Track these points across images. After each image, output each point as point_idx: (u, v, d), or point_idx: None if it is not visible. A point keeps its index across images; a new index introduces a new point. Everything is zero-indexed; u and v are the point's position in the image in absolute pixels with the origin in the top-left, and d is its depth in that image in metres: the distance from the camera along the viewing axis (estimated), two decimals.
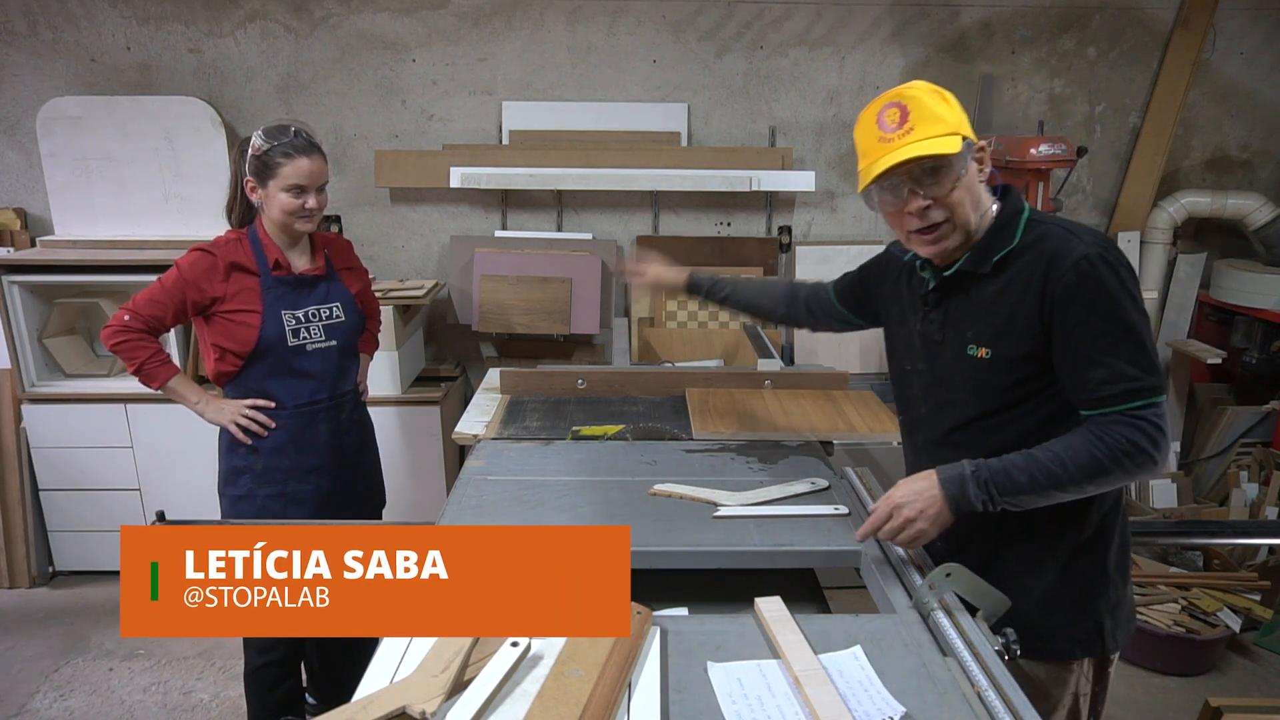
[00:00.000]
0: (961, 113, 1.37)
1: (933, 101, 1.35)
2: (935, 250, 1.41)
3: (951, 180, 1.34)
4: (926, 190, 1.35)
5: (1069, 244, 1.32)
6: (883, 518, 1.37)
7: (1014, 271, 1.38)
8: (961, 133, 1.34)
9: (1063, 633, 1.46)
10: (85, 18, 3.46)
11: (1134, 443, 1.27)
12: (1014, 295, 1.36)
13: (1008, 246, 1.39)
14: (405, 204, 3.74)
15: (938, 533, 1.34)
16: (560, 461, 1.91)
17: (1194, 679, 2.88)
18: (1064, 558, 1.45)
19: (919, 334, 1.53)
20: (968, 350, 1.42)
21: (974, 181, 1.38)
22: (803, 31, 3.58)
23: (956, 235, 1.39)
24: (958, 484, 1.33)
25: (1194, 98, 3.68)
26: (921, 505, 1.33)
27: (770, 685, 1.14)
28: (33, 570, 3.44)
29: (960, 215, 1.37)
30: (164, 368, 2.13)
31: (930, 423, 1.54)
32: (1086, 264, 1.29)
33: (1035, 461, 1.31)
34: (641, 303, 3.71)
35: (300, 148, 2.03)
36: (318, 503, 2.22)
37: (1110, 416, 1.29)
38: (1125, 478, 1.30)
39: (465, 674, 1.10)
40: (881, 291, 1.68)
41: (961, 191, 1.36)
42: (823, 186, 3.74)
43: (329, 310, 2.19)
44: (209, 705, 2.73)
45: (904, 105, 1.36)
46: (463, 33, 3.54)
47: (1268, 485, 3.43)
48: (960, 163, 1.34)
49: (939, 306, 1.48)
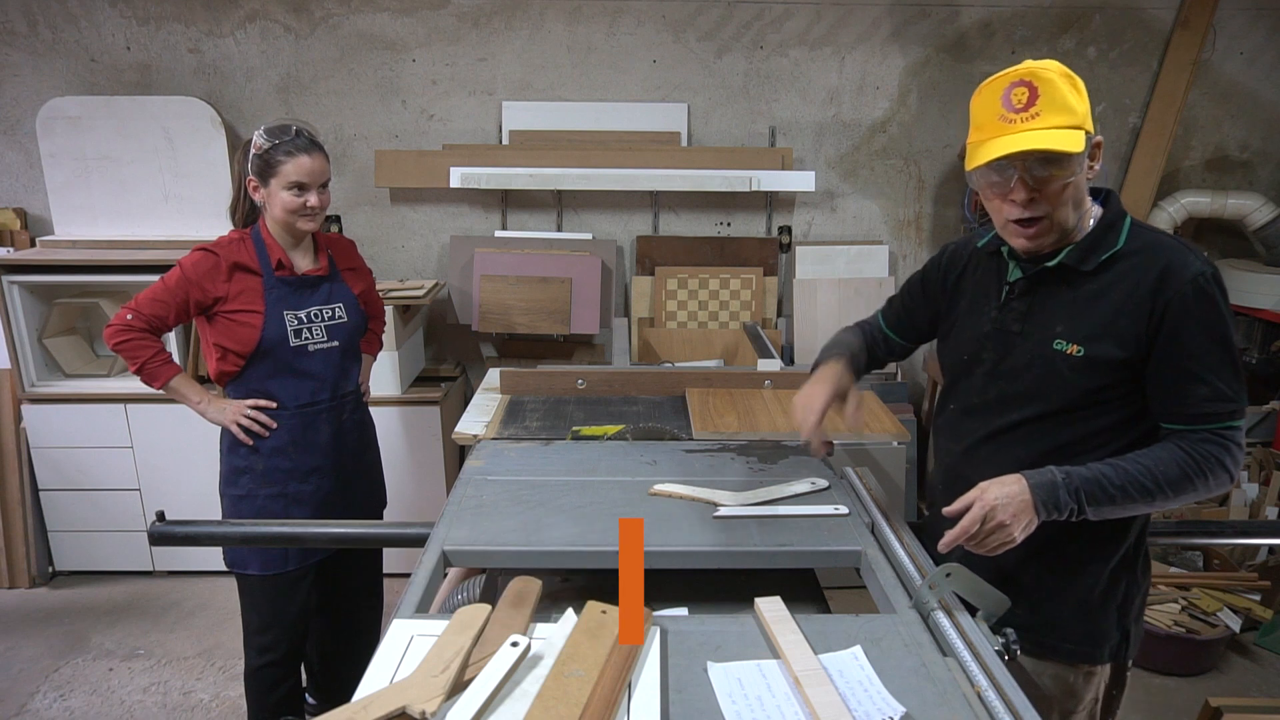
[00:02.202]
0: (1088, 104, 1.29)
1: (1065, 87, 1.27)
2: (1029, 245, 1.37)
3: (1066, 177, 1.29)
4: (1038, 182, 1.29)
5: (1185, 258, 1.30)
6: (977, 520, 1.26)
7: (1117, 274, 1.34)
8: (1087, 127, 1.28)
9: (1095, 637, 1.46)
10: (85, 18, 3.46)
11: (1221, 461, 1.28)
12: (1117, 298, 1.33)
13: (1113, 249, 1.35)
14: (405, 204, 3.74)
15: (1022, 539, 1.28)
16: (560, 461, 1.91)
17: (1194, 679, 2.88)
18: (1109, 567, 1.44)
19: (993, 322, 1.47)
20: (1054, 345, 1.37)
21: (1084, 180, 1.33)
22: (803, 31, 3.58)
23: (1053, 234, 1.35)
24: (1049, 490, 1.27)
25: (1194, 98, 3.68)
26: (1015, 510, 1.26)
27: (770, 685, 1.14)
28: (33, 570, 3.44)
29: (1061, 214, 1.32)
30: (166, 367, 2.13)
31: (985, 415, 1.48)
32: (1204, 281, 1.28)
33: (1126, 473, 1.28)
34: (641, 302, 3.72)
35: (301, 146, 2.04)
36: (318, 503, 2.22)
37: (1200, 434, 1.29)
38: (1203, 495, 1.30)
39: (465, 674, 1.10)
40: (947, 288, 1.60)
41: (1070, 190, 1.31)
42: (823, 186, 3.74)
43: (331, 311, 2.19)
44: (209, 705, 2.73)
45: (1034, 86, 1.27)
46: (463, 33, 3.54)
47: (1268, 485, 3.43)
48: (1079, 163, 1.28)
49: (1024, 297, 1.42)
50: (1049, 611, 1.30)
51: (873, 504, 1.65)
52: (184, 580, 3.49)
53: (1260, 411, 3.68)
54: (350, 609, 2.49)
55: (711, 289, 3.70)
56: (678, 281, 3.70)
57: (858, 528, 1.58)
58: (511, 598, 1.27)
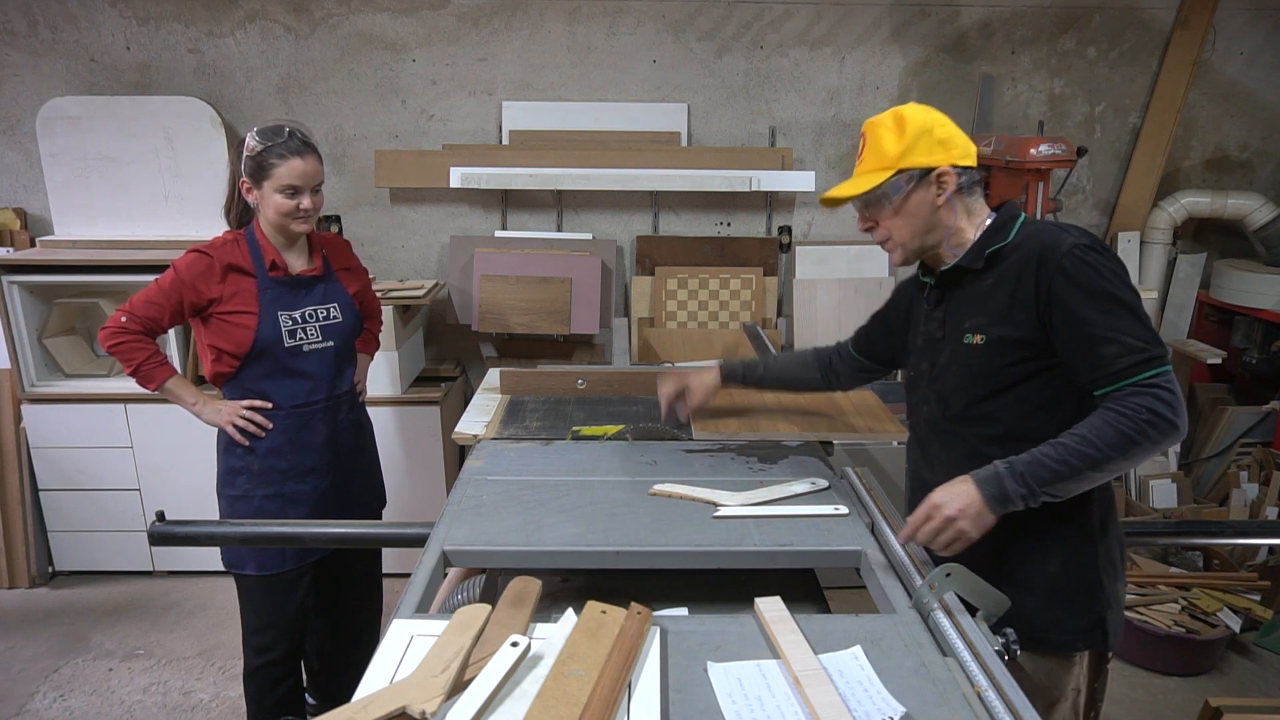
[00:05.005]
0: (917, 139, 1.45)
1: (884, 135, 1.47)
2: (892, 262, 1.58)
3: (885, 208, 1.50)
4: (871, 212, 1.53)
5: (1059, 236, 1.40)
6: (921, 518, 1.36)
7: (1007, 265, 1.46)
8: (900, 165, 1.45)
9: (1066, 625, 1.49)
10: (85, 18, 3.46)
11: (1154, 411, 1.29)
12: (1008, 285, 1.44)
13: (1001, 244, 1.47)
14: (405, 204, 3.74)
15: (979, 534, 1.34)
16: (560, 461, 1.91)
17: (1194, 679, 2.88)
18: (1066, 550, 1.48)
19: (923, 335, 1.62)
20: (964, 340, 1.49)
21: (921, 206, 1.48)
22: (803, 31, 3.58)
23: (900, 252, 1.53)
24: (994, 482, 1.33)
25: (1194, 98, 3.68)
26: (961, 505, 1.33)
27: (770, 685, 1.14)
28: (33, 570, 3.44)
29: (900, 235, 1.51)
30: (161, 369, 2.12)
31: (931, 419, 1.60)
32: (1080, 250, 1.36)
33: (1064, 448, 1.32)
34: (641, 302, 3.72)
35: (294, 148, 2.02)
36: (315, 503, 2.22)
37: (1125, 390, 1.32)
38: (1153, 448, 1.32)
39: (465, 674, 1.10)
40: (900, 318, 1.76)
41: (899, 218, 1.49)
42: (823, 186, 3.74)
43: (326, 311, 2.19)
44: (209, 705, 2.73)
45: (865, 137, 1.52)
46: (463, 33, 3.54)
47: (1268, 485, 3.43)
48: (886, 196, 1.48)
49: (940, 305, 1.57)
50: (1013, 599, 1.32)
51: (873, 504, 1.65)
52: (184, 580, 3.49)
53: (1260, 411, 3.68)
54: (350, 609, 2.49)
55: (711, 289, 3.70)
56: (678, 281, 3.70)
57: (858, 528, 1.58)
58: (511, 598, 1.27)
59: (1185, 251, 3.83)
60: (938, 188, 1.47)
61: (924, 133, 1.45)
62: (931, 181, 1.46)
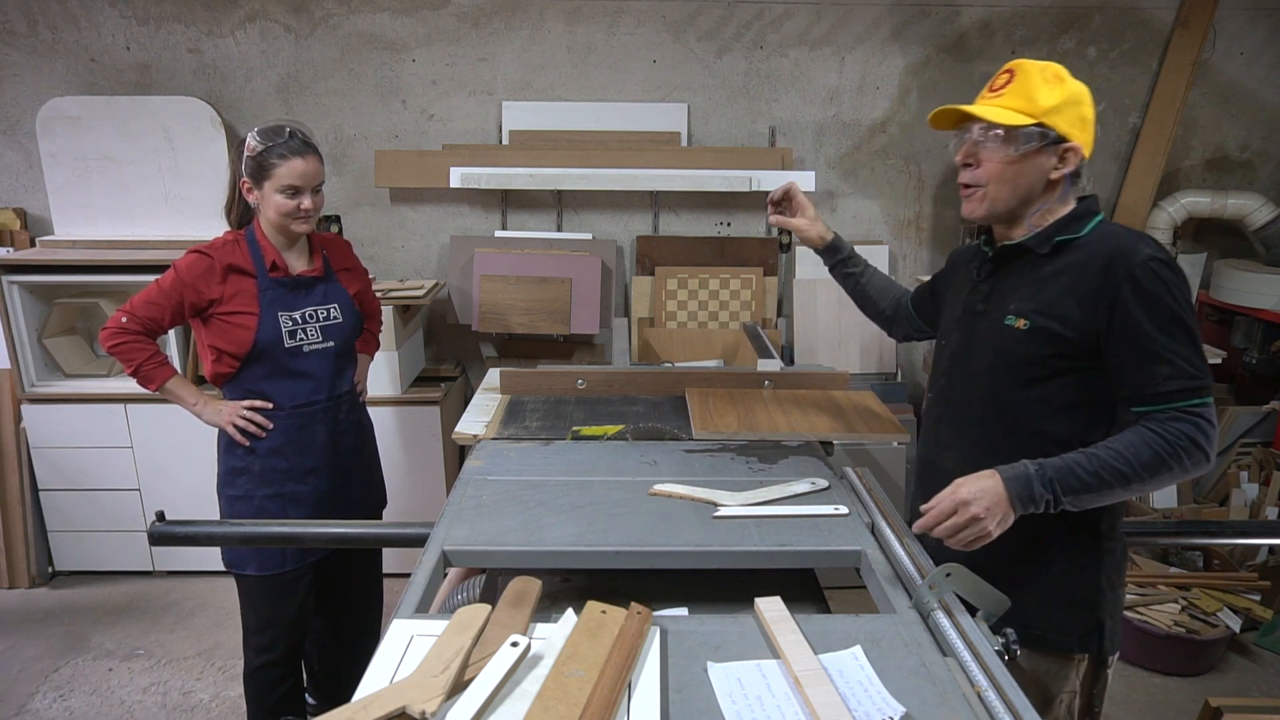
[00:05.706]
0: (1068, 104, 1.37)
1: (1038, 81, 1.38)
2: (967, 210, 1.48)
3: (998, 152, 1.40)
4: (977, 149, 1.42)
5: (1136, 244, 1.35)
6: (947, 512, 1.31)
7: (1073, 259, 1.41)
8: (1043, 120, 1.36)
9: (1065, 625, 1.49)
10: (85, 18, 3.46)
11: (1193, 439, 1.28)
12: (1068, 278, 1.39)
13: (1072, 236, 1.43)
14: (405, 204, 3.74)
15: (999, 534, 1.31)
16: (560, 461, 1.91)
17: (1194, 679, 2.88)
18: (1071, 553, 1.47)
19: (963, 304, 1.58)
20: (1005, 321, 1.45)
21: (1030, 169, 1.40)
22: (803, 31, 3.58)
23: (984, 205, 1.44)
24: (1023, 483, 1.30)
25: (1194, 98, 3.68)
26: (989, 503, 1.29)
27: (770, 685, 1.14)
28: (33, 570, 3.44)
29: (995, 188, 1.42)
30: (161, 369, 2.12)
31: (949, 396, 1.56)
32: (1155, 264, 1.32)
33: (1098, 460, 1.30)
34: (641, 302, 3.72)
35: (295, 149, 2.02)
36: (315, 503, 2.22)
37: (1168, 413, 1.30)
38: (1181, 475, 1.31)
39: (465, 674, 1.10)
40: (946, 285, 1.72)
41: (1002, 167, 1.40)
42: (823, 186, 3.74)
43: (326, 312, 2.19)
44: (209, 705, 2.73)
45: (1014, 73, 1.41)
46: (463, 33, 3.54)
47: (1268, 485, 3.43)
48: (1013, 140, 1.38)
49: (990, 278, 1.53)
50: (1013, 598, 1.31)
51: (873, 504, 1.65)
52: (184, 580, 3.49)
53: (1260, 411, 3.68)
54: (350, 609, 2.49)
55: (711, 289, 3.70)
56: (678, 281, 3.70)
57: (858, 528, 1.58)
58: (511, 598, 1.27)
59: (1185, 252, 3.83)
60: (1059, 160, 1.40)
61: (1076, 102, 1.39)
62: (1057, 152, 1.40)
